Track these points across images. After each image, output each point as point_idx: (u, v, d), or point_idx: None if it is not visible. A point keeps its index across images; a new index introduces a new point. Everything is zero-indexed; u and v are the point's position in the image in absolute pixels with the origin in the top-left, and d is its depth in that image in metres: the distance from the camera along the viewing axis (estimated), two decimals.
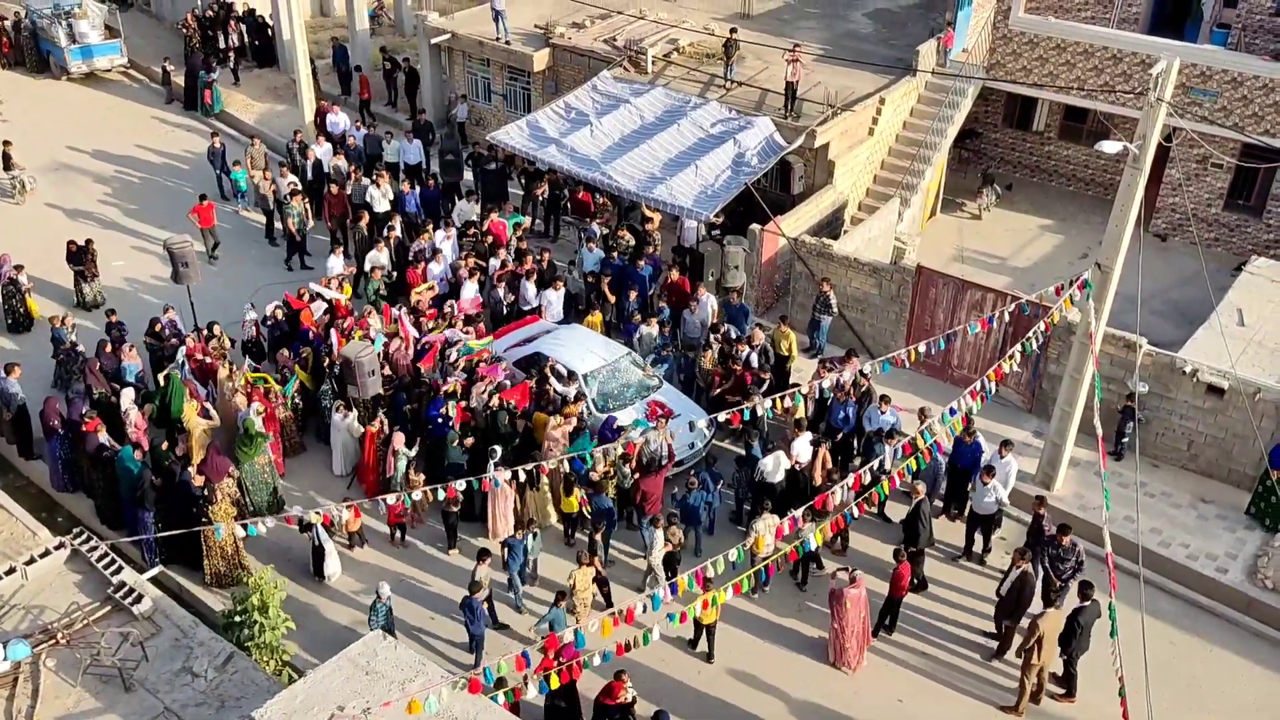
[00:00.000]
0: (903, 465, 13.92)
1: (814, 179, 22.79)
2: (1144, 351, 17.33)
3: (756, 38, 25.55)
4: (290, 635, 14.22)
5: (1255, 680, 14.66)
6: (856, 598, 14.26)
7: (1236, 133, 22.26)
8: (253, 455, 16.50)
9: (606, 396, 18.02)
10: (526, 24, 26.88)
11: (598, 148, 22.68)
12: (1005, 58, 24.83)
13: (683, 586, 12.89)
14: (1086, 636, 13.80)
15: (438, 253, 21.06)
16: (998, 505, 15.81)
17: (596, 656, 12.25)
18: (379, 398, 17.63)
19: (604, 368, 18.25)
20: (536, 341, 18.96)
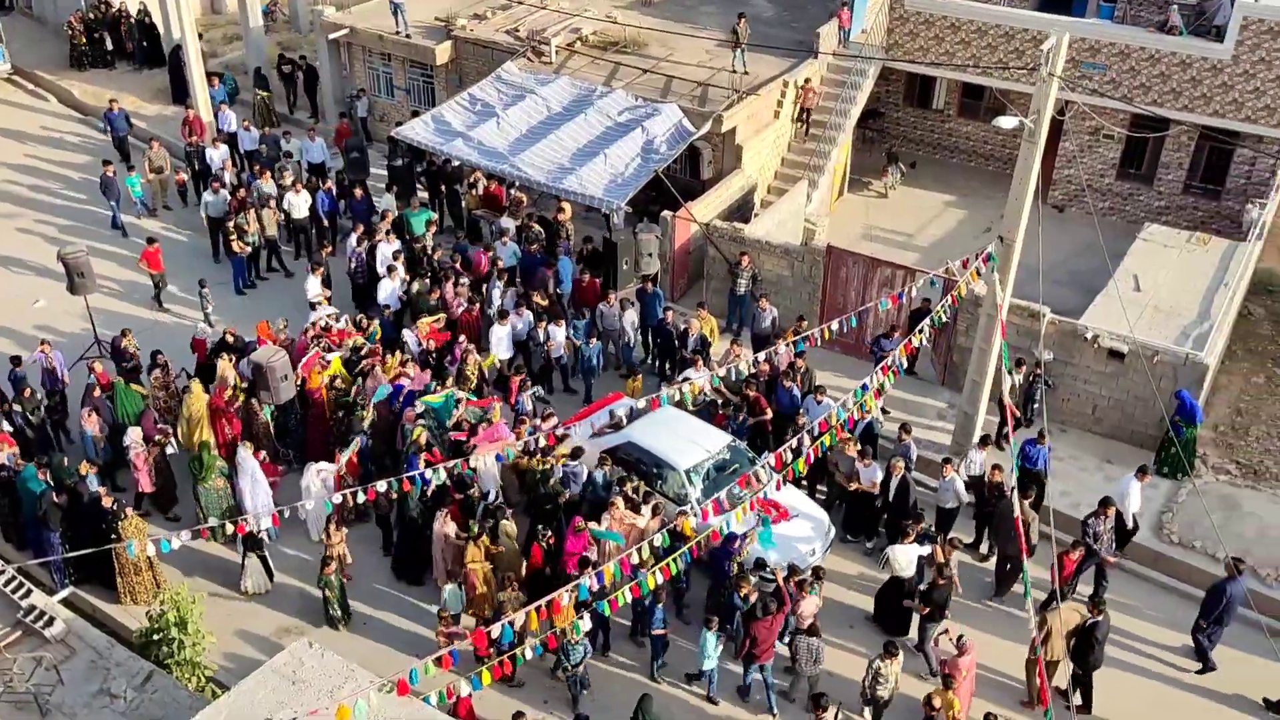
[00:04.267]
0: (817, 444, 14.14)
1: (723, 164, 22.95)
2: (1047, 320, 17.84)
3: (660, 24, 25.62)
4: (213, 650, 13.90)
5: (1164, 633, 15.24)
6: (970, 665, 13.20)
7: (1125, 104, 23.01)
8: (206, 478, 16.10)
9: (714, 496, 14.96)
10: (426, 17, 26.51)
11: (505, 139, 22.50)
12: (903, 38, 25.27)
13: (609, 576, 12.95)
14: (1101, 650, 13.69)
15: (392, 270, 20.15)
16: (957, 500, 15.94)
17: (528, 651, 12.22)
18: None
19: (707, 460, 15.74)
20: (625, 429, 16.52)
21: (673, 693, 14.42)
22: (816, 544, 15.54)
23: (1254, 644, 14.72)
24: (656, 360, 19.87)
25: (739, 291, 20.17)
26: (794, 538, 15.37)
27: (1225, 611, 14.23)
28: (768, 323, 19.11)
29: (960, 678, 12.97)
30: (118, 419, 17.11)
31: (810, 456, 14.14)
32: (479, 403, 17.26)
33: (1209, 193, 23.87)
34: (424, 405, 16.94)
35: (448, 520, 15.31)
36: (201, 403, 17.06)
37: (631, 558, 13.20)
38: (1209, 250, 20.44)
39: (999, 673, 14.52)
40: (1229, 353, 20.41)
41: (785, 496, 15.82)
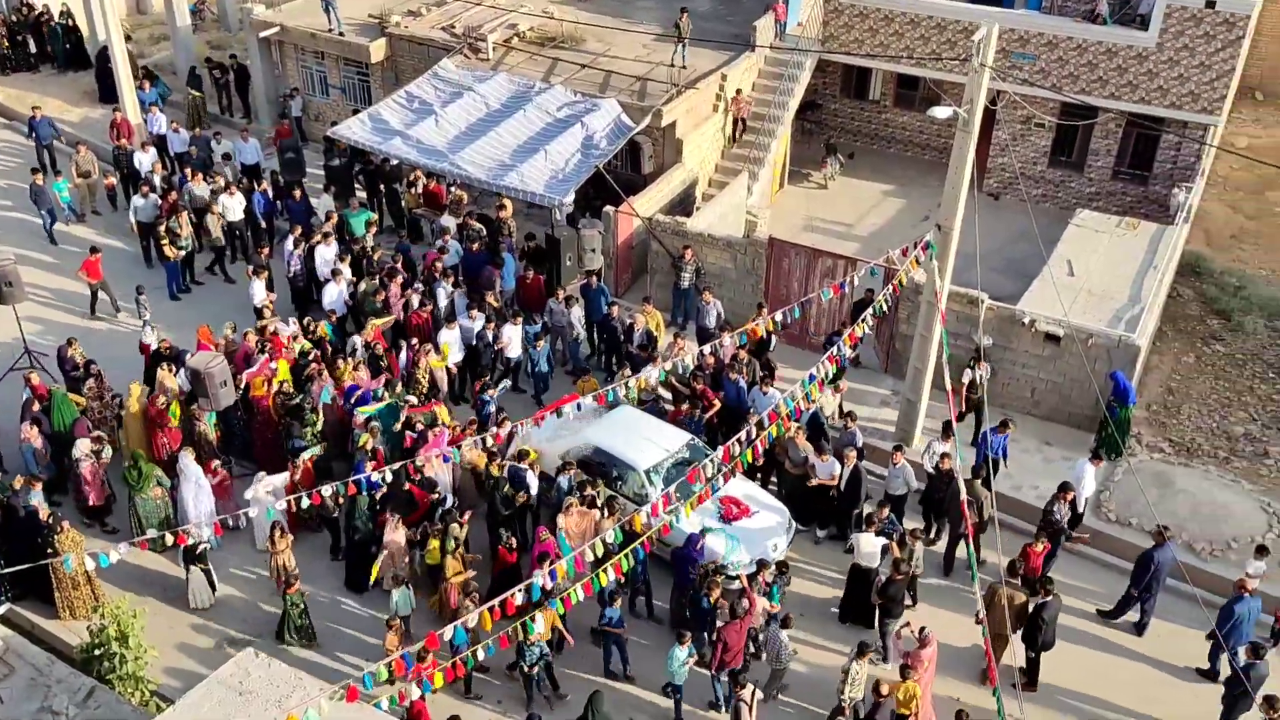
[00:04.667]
0: (764, 434, 14.22)
1: (663, 158, 22.98)
2: (986, 306, 18.14)
3: (597, 19, 25.56)
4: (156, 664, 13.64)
5: (1104, 608, 15.59)
6: (932, 656, 13.34)
7: (1055, 93, 23.46)
8: (143, 488, 15.75)
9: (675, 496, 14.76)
10: (360, 14, 26.18)
11: (444, 137, 22.31)
12: (838, 30, 25.49)
13: (562, 573, 12.93)
14: (1051, 630, 13.94)
15: (337, 274, 19.77)
16: (907, 487, 16.10)
17: (480, 651, 12.16)
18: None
19: (667, 460, 15.73)
20: (586, 431, 16.49)
21: (633, 691, 14.41)
22: (779, 539, 15.61)
23: (1191, 616, 15.11)
24: (602, 356, 19.85)
25: (683, 285, 20.21)
26: (756, 533, 15.42)
27: (1154, 579, 14.66)
28: (712, 316, 19.17)
29: (922, 669, 13.12)
30: (54, 429, 16.69)
31: (759, 448, 14.22)
32: (421, 409, 17.04)
33: (1137, 178, 24.42)
34: (363, 415, 16.72)
35: (398, 525, 15.18)
36: (140, 406, 16.73)
37: (586, 555, 13.20)
38: (1138, 234, 20.92)
39: (956, 648, 14.69)
40: (1159, 334, 20.93)
41: (745, 492, 15.92)
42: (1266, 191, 25.95)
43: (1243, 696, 13.36)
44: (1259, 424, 19.03)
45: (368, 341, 18.40)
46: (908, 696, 12.92)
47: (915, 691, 12.91)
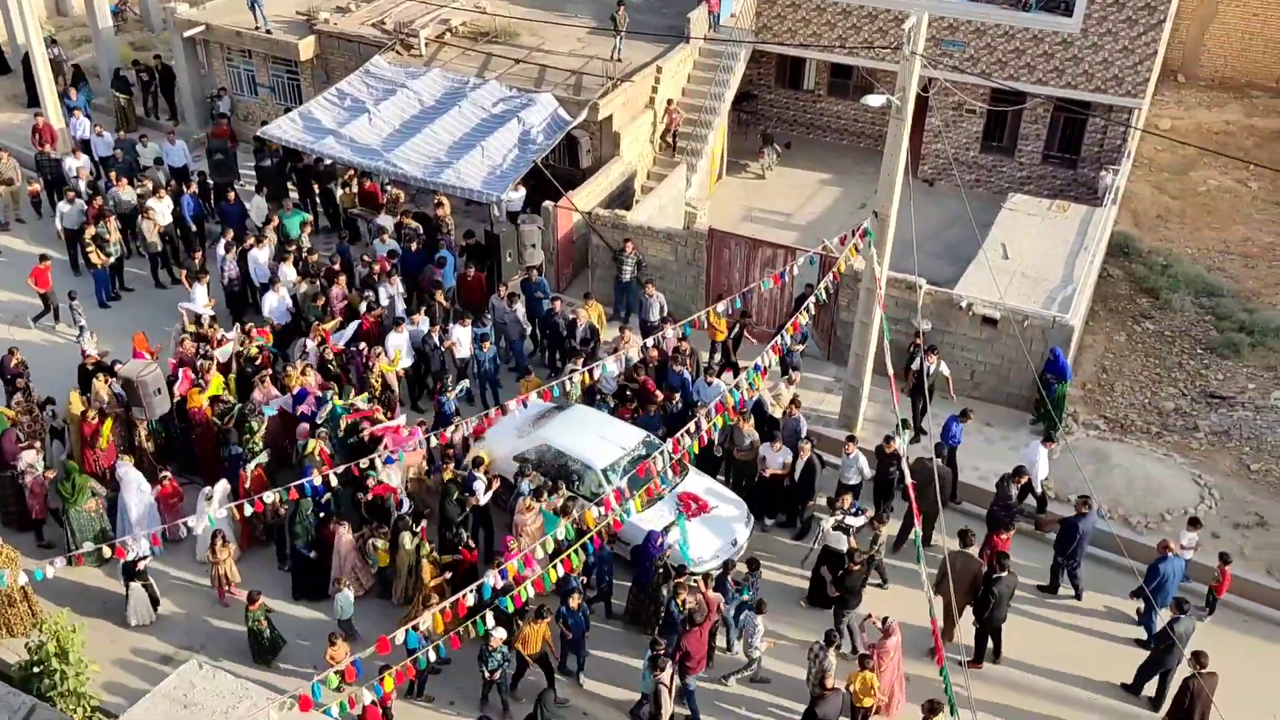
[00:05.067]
0: (710, 425, 14.29)
1: (601, 151, 22.94)
2: (924, 291, 18.39)
3: (530, 13, 25.43)
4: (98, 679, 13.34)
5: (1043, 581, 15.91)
6: (897, 645, 13.45)
7: (984, 79, 23.83)
8: (76, 501, 15.34)
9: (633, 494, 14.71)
10: (287, 11, 25.75)
11: (378, 135, 22.03)
12: (771, 20, 25.63)
13: (513, 571, 12.87)
14: (1002, 606, 14.16)
15: (275, 283, 19.27)
16: (860, 476, 16.19)
17: (432, 653, 12.06)
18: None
19: (624, 458, 15.55)
20: (541, 429, 16.45)
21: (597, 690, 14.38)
22: (739, 533, 15.65)
23: (1127, 588, 15.45)
24: (545, 353, 19.77)
25: (624, 279, 20.21)
26: (717, 528, 15.44)
27: (1078, 546, 15.06)
28: (655, 309, 19.19)
29: (887, 659, 13.24)
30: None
31: (704, 439, 14.27)
32: (363, 412, 16.77)
33: (1066, 161, 24.90)
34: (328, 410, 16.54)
35: (347, 530, 14.99)
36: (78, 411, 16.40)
37: (537, 553, 13.15)
38: (1069, 217, 21.33)
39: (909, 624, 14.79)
40: (1092, 314, 21.38)
41: (703, 487, 15.93)
42: (1189, 172, 26.63)
43: (1167, 651, 13.83)
44: (1188, 399, 19.54)
45: (318, 344, 18.03)
46: (865, 687, 13.03)
47: (872, 682, 13.03)
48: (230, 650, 14.76)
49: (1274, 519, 16.67)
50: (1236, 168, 26.36)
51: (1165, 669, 14.01)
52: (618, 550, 15.31)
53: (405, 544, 14.90)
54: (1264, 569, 15.91)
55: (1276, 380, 19.91)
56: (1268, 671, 14.65)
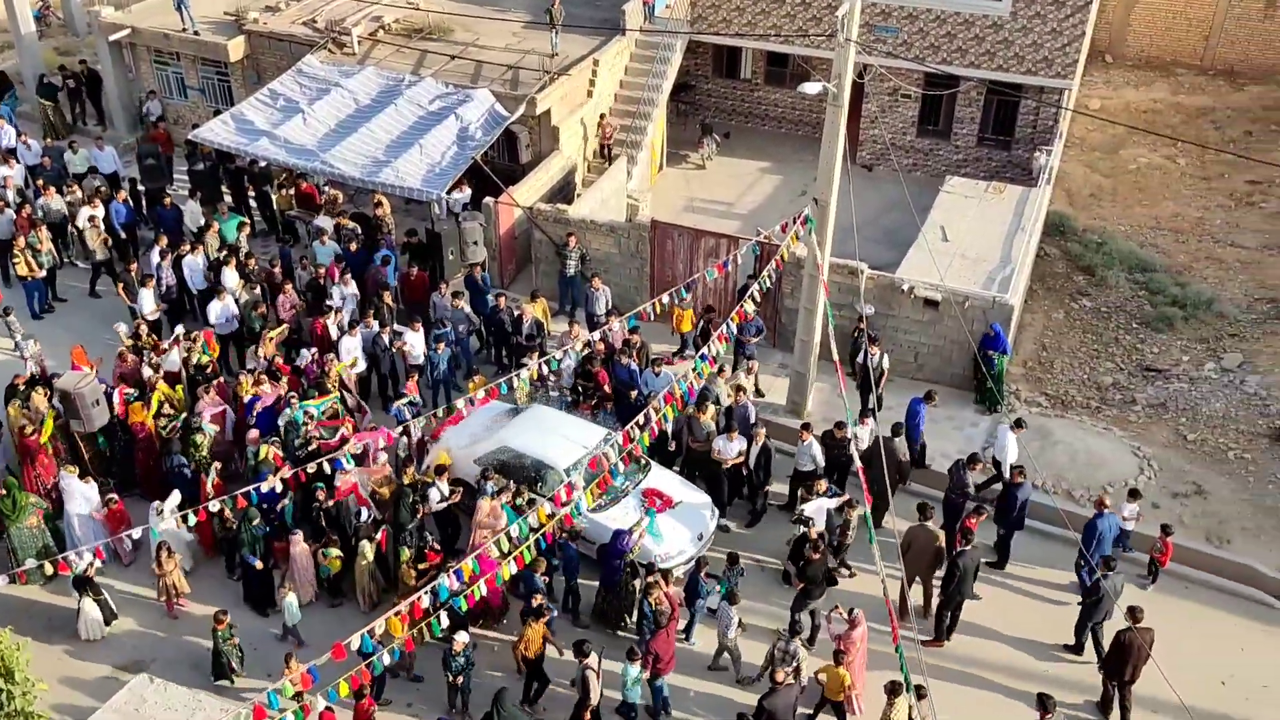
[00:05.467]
0: (660, 416, 14.32)
1: (541, 146, 22.84)
2: (866, 276, 18.56)
3: (464, 9, 25.22)
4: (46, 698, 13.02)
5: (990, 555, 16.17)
6: (863, 635, 13.47)
7: (918, 64, 24.10)
8: (17, 518, 14.98)
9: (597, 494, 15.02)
10: (214, 11, 25.28)
11: (314, 136, 21.73)
12: (706, 10, 25.68)
13: (468, 571, 12.81)
14: (968, 581, 14.37)
15: (220, 291, 18.87)
16: (814, 464, 16.25)
17: (386, 656, 11.96)
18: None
19: (586, 457, 15.22)
20: (500, 431, 16.19)
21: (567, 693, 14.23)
22: (705, 527, 15.66)
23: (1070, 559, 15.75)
24: (492, 350, 19.66)
25: (569, 273, 20.15)
26: (683, 524, 15.43)
27: (1018, 514, 15.44)
28: (601, 303, 19.16)
29: (854, 650, 13.32)
30: None
31: (654, 430, 14.30)
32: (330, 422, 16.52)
33: (1000, 143, 25.28)
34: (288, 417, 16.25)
35: (301, 539, 14.81)
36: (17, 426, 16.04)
37: (491, 551, 13.09)
38: (1005, 198, 21.66)
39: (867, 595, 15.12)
40: (1030, 293, 21.75)
41: (666, 483, 15.91)
42: (1119, 150, 27.18)
43: (1095, 605, 14.25)
44: (1125, 373, 19.97)
45: (266, 356, 17.70)
46: (837, 682, 13.11)
47: (845, 678, 13.10)
48: (182, 664, 14.50)
49: (1211, 487, 17.10)
50: (1164, 145, 26.96)
51: (1095, 622, 14.42)
52: (584, 550, 15.24)
53: (365, 553, 14.75)
54: (1203, 536, 16.32)
55: (1209, 352, 20.42)
56: (1210, 637, 15.05)
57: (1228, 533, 16.37)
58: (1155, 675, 13.11)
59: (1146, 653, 13.32)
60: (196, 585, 15.34)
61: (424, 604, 12.33)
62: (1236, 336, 20.83)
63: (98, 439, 16.56)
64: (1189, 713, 12.84)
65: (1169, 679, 12.80)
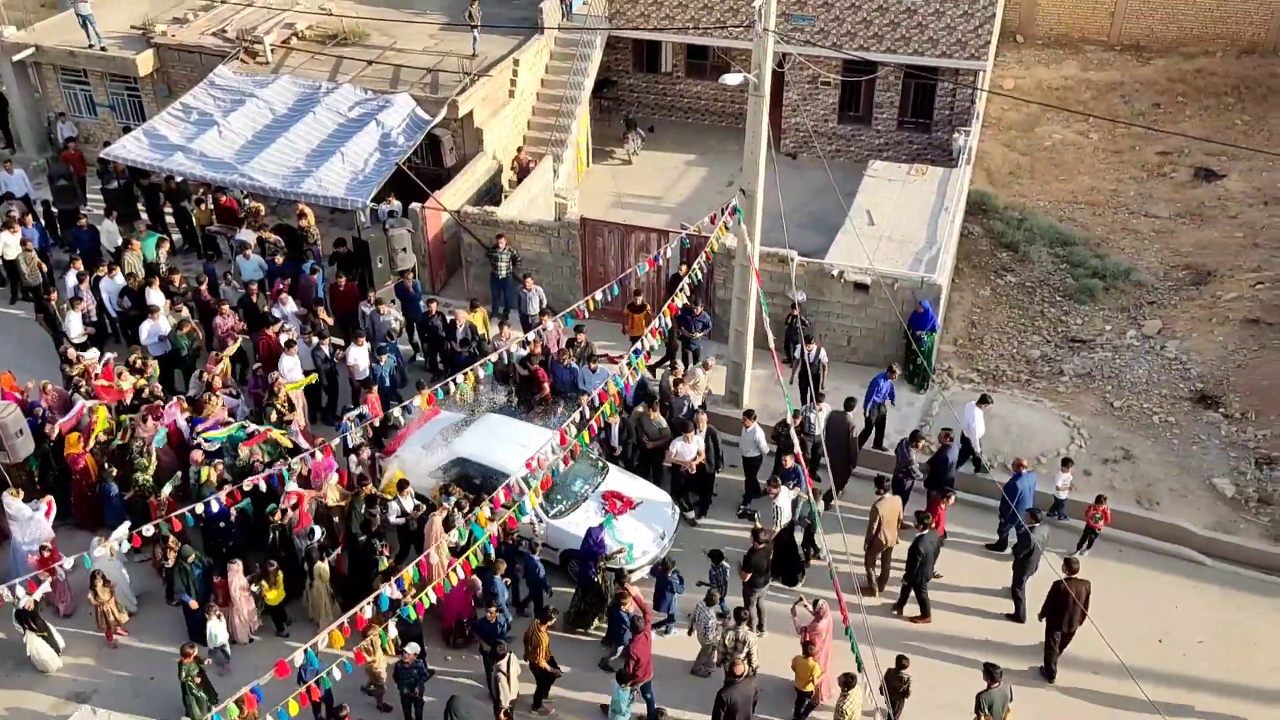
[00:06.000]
0: (599, 413, 14.30)
1: (465, 149, 22.65)
2: (796, 263, 18.73)
3: (379, 12, 24.90)
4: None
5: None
6: (828, 626, 13.51)
7: (836, 51, 24.37)
8: None
9: (556, 499, 15.25)
10: (121, 26, 24.64)
11: (230, 148, 21.29)
12: (624, 5, 25.67)
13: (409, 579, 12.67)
14: (929, 563, 14.64)
15: (154, 311, 18.25)
16: (758, 450, 16.38)
17: (336, 671, 11.78)
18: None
19: (551, 465, 14.66)
20: (454, 443, 15.89)
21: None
22: (667, 527, 15.64)
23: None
24: (426, 357, 19.46)
25: (500, 275, 20.01)
26: (645, 524, 15.36)
27: (945, 472, 15.83)
28: (535, 303, 19.07)
29: (820, 641, 13.39)
30: None
31: (593, 428, 14.27)
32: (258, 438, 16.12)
33: (920, 126, 25.68)
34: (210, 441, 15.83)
35: (238, 571, 14.49)
36: None
37: (432, 559, 12.97)
38: (927, 179, 22.02)
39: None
40: (957, 271, 22.14)
41: (626, 484, 15.85)
42: (1035, 128, 27.78)
43: (1027, 559, 14.74)
44: (1052, 345, 20.43)
45: (214, 379, 17.15)
46: (805, 674, 13.17)
47: (814, 669, 13.17)
48: (124, 694, 14.19)
49: (1139, 451, 17.58)
50: (1077, 121, 27.62)
51: (1028, 575, 14.89)
52: (547, 557, 15.09)
53: (322, 574, 14.43)
54: (1134, 499, 16.78)
55: (1130, 320, 20.98)
56: (1145, 596, 15.48)
57: (1156, 495, 16.85)
58: (1094, 636, 13.44)
59: (1083, 603, 13.81)
60: (144, 612, 15.04)
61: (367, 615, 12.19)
62: (1155, 304, 21.44)
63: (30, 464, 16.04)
64: (1129, 671, 13.17)
65: (1108, 640, 13.15)
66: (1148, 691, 12.63)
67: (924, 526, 14.63)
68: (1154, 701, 12.38)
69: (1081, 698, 14.21)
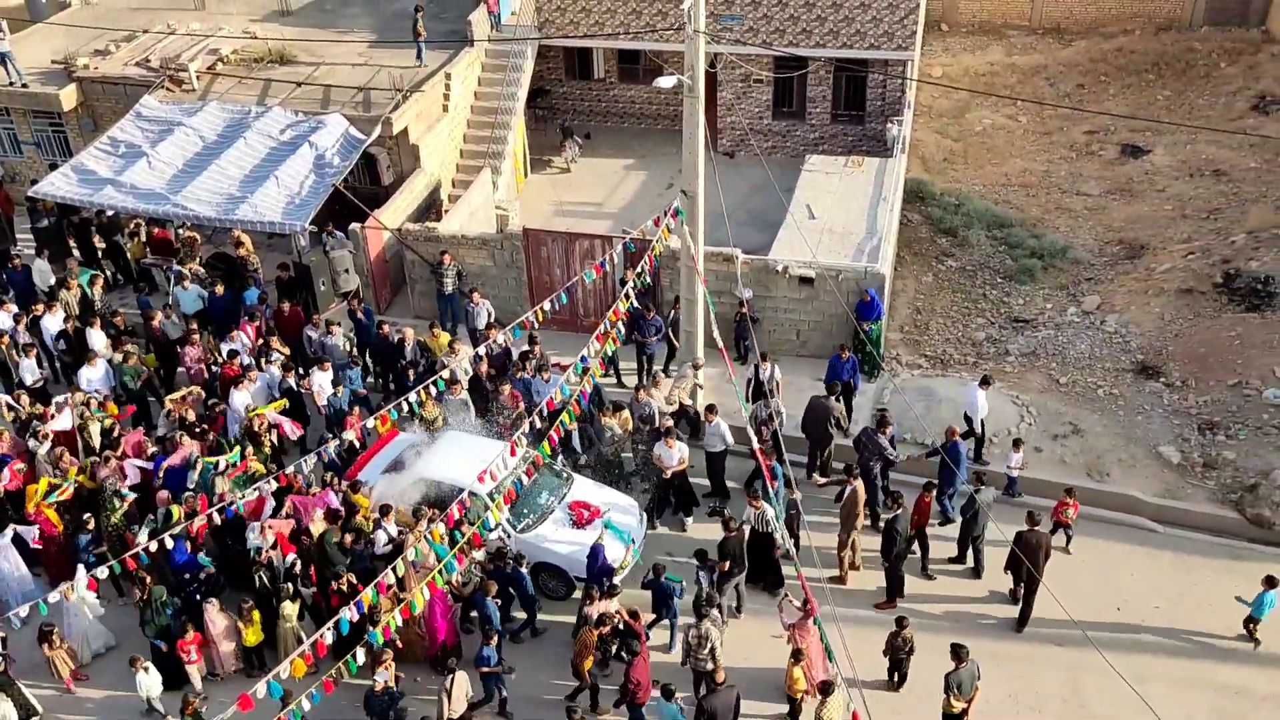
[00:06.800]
0: (557, 423, 14.27)
1: (402, 166, 22.48)
2: (741, 260, 18.84)
3: (304, 34, 24.63)
4: None
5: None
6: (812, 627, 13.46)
7: (766, 49, 24.56)
8: None
9: (523, 513, 15.21)
10: (41, 61, 24.12)
11: (161, 179, 20.92)
12: (552, 14, 25.66)
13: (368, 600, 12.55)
14: (904, 544, 14.79)
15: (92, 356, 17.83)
16: (723, 444, 16.41)
17: (305, 702, 11.62)
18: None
19: (507, 478, 14.69)
20: (418, 466, 15.60)
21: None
22: (637, 532, 15.58)
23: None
24: (379, 378, 19.25)
25: (446, 291, 19.89)
26: (616, 533, 15.22)
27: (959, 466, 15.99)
28: (483, 317, 18.97)
29: (808, 638, 13.39)
30: None
31: (553, 438, 14.23)
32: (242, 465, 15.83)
33: (854, 118, 25.96)
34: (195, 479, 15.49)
35: (218, 611, 14.18)
36: None
37: (388, 578, 12.84)
38: (864, 171, 22.26)
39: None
40: (899, 260, 22.41)
41: (591, 493, 15.77)
42: (965, 114, 28.24)
43: (973, 519, 15.22)
44: (996, 326, 20.76)
45: (179, 415, 16.85)
46: (793, 681, 13.20)
47: (799, 680, 13.19)
48: None
49: (1086, 425, 17.92)
50: (1005, 105, 28.13)
51: (975, 535, 15.31)
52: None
53: (287, 612, 14.08)
54: (1084, 473, 17.09)
55: (1070, 297, 21.39)
56: (1100, 567, 15.77)
57: (1106, 466, 17.18)
58: (1057, 609, 13.65)
59: (1045, 552, 14.46)
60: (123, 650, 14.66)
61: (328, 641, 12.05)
62: (1093, 280, 21.88)
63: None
64: (1091, 641, 13.41)
65: (1069, 611, 13.36)
66: (1110, 659, 12.86)
67: (897, 506, 14.75)
68: (1117, 670, 12.61)
69: (1045, 667, 14.45)
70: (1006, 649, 14.66)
